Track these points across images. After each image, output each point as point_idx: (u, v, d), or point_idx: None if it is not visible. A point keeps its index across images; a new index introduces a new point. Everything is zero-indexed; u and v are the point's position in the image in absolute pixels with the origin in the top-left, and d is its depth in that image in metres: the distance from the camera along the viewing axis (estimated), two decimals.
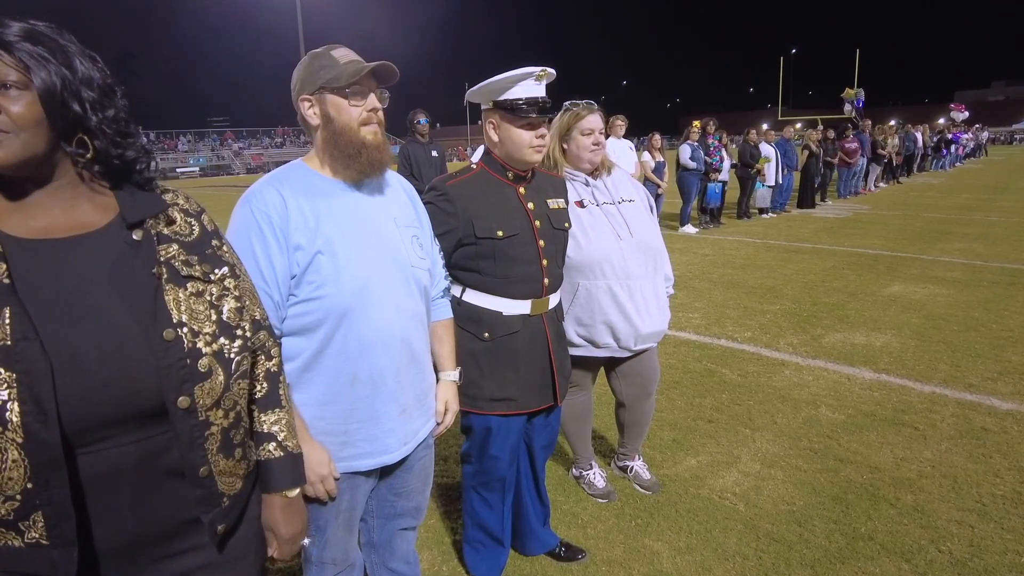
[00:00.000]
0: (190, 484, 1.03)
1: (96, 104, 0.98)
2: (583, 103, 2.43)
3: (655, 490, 2.87)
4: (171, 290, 1.01)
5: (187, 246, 1.07)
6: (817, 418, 3.55)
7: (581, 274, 2.40)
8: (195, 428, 1.01)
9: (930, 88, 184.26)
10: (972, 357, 4.41)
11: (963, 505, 2.71)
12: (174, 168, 47.71)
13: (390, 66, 1.49)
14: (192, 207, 1.13)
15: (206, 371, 1.01)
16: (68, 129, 0.96)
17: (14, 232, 0.94)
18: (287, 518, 1.26)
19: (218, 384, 1.03)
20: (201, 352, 1.01)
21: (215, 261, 1.10)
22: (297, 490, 1.27)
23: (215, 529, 1.08)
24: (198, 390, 1.00)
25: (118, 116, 1.02)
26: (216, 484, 1.07)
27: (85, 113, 0.97)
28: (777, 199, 12.33)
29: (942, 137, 22.07)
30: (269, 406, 1.23)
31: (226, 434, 1.07)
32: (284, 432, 1.24)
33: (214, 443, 1.05)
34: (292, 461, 1.25)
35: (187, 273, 1.04)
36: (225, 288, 1.09)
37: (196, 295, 1.04)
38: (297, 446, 1.27)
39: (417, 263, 1.59)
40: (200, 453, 1.03)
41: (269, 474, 1.22)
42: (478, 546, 2.26)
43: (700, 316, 5.60)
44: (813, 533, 2.54)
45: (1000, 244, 8.54)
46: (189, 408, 0.99)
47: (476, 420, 2.05)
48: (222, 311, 1.07)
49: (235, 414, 1.09)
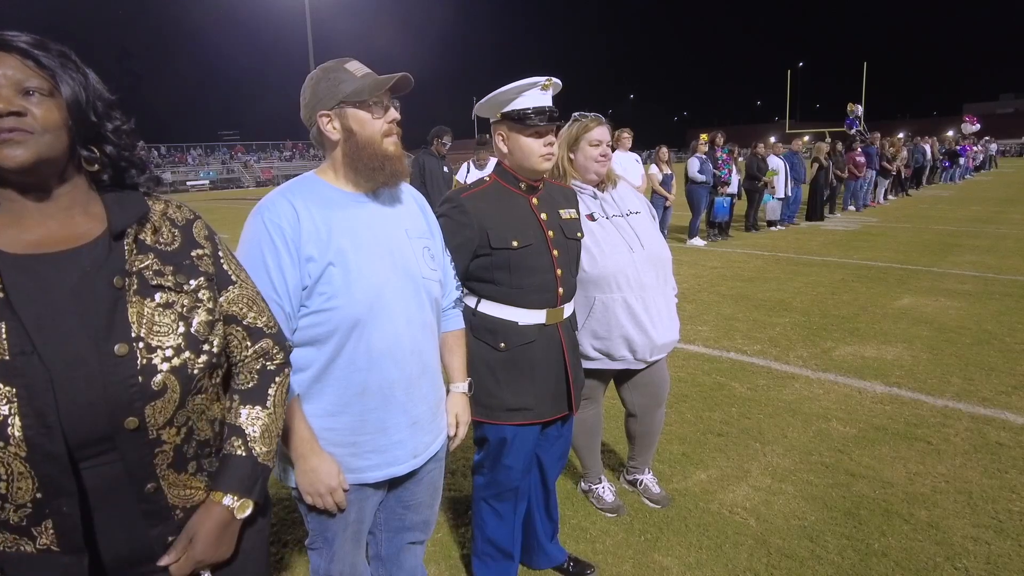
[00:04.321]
0: (135, 499, 1.00)
1: (105, 115, 1.02)
2: (591, 115, 2.45)
3: (665, 504, 2.84)
4: (136, 302, 0.99)
5: (165, 255, 1.06)
6: (828, 432, 3.52)
7: (597, 288, 2.40)
8: (143, 447, 0.99)
9: (938, 101, 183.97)
10: (985, 370, 4.36)
11: (979, 521, 2.66)
12: (184, 181, 48.09)
13: (408, 78, 1.50)
14: (182, 216, 1.13)
15: (159, 389, 0.98)
16: (86, 136, 1.00)
17: (7, 248, 0.96)
18: (211, 534, 1.09)
19: (171, 402, 1.00)
20: (156, 368, 0.98)
21: (191, 271, 1.08)
22: (237, 504, 1.11)
23: (164, 542, 1.06)
24: (149, 409, 0.98)
25: (121, 127, 1.05)
26: (166, 498, 1.05)
27: (100, 121, 1.00)
28: (786, 212, 12.31)
29: (950, 149, 22.02)
30: (250, 400, 1.17)
31: (178, 450, 1.05)
32: (257, 433, 1.15)
33: (164, 460, 1.03)
34: (252, 465, 1.13)
35: (157, 283, 1.03)
36: (198, 300, 1.07)
37: (164, 306, 1.02)
38: (266, 456, 1.16)
39: (428, 274, 1.59)
40: (148, 470, 1.01)
41: (221, 468, 1.13)
42: (487, 559, 2.24)
43: (709, 329, 5.57)
44: (825, 549, 2.50)
45: (1011, 256, 8.47)
46: (138, 428, 0.97)
47: (491, 431, 2.05)
48: (191, 323, 1.04)
49: (187, 429, 1.06)
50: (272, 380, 1.21)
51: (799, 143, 13.40)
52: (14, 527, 0.93)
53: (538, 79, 1.89)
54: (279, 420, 1.22)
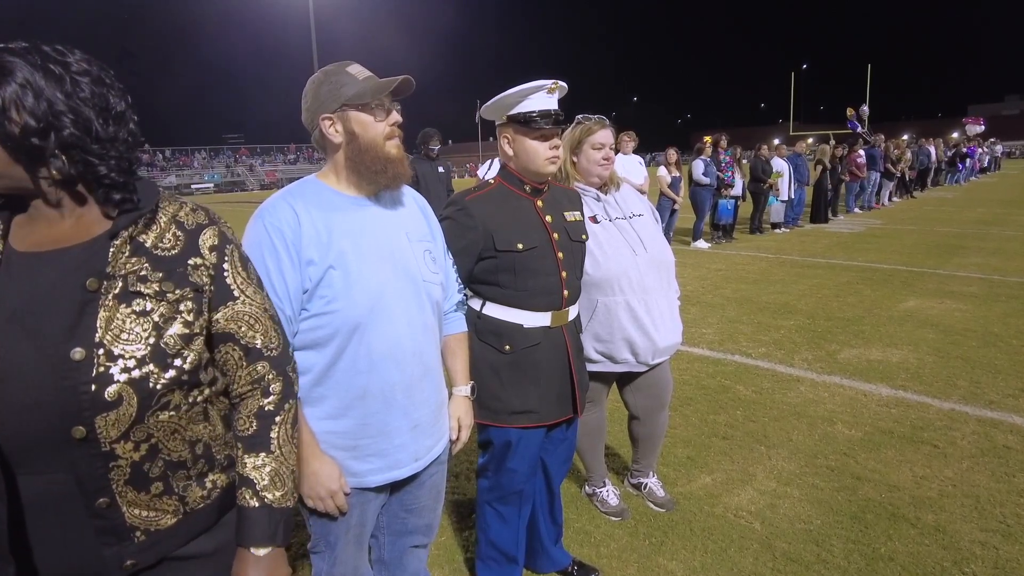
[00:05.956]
0: (86, 513, 0.96)
1: (66, 124, 0.93)
2: (595, 118, 2.45)
3: (669, 508, 2.83)
4: (111, 306, 0.96)
5: (158, 260, 1.02)
6: (833, 435, 3.49)
7: (600, 290, 2.40)
8: (95, 459, 0.95)
9: (942, 103, 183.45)
10: (992, 373, 4.33)
11: (986, 526, 2.64)
12: (189, 184, 48.32)
13: (410, 80, 1.50)
14: (194, 220, 1.09)
15: (114, 400, 0.94)
16: (25, 150, 0.92)
17: (16, 244, 0.96)
18: None
19: (126, 415, 0.95)
20: (112, 378, 0.93)
21: (180, 280, 1.03)
22: (267, 550, 1.10)
23: (120, 562, 1.00)
24: (100, 420, 0.93)
25: (105, 135, 0.98)
26: (122, 516, 0.99)
27: (45, 134, 0.92)
28: (790, 214, 12.28)
29: (957, 151, 21.92)
30: (253, 448, 1.12)
31: (138, 467, 1.00)
32: (266, 480, 1.11)
33: (120, 475, 0.98)
34: (268, 515, 1.11)
35: (136, 289, 0.98)
36: (177, 311, 1.01)
37: (138, 314, 0.97)
38: (282, 499, 1.13)
39: (429, 277, 1.59)
40: (101, 484, 0.96)
41: (240, 524, 1.11)
42: (491, 563, 2.23)
43: (713, 332, 5.55)
44: (831, 553, 2.48)
45: (1017, 258, 8.42)
46: (86, 438, 0.93)
47: (496, 434, 2.04)
48: (163, 334, 0.99)
49: (149, 446, 1.00)
50: (272, 422, 1.14)
51: (803, 145, 13.38)
52: None
53: (544, 82, 1.89)
54: (289, 458, 1.17)
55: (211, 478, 1.13)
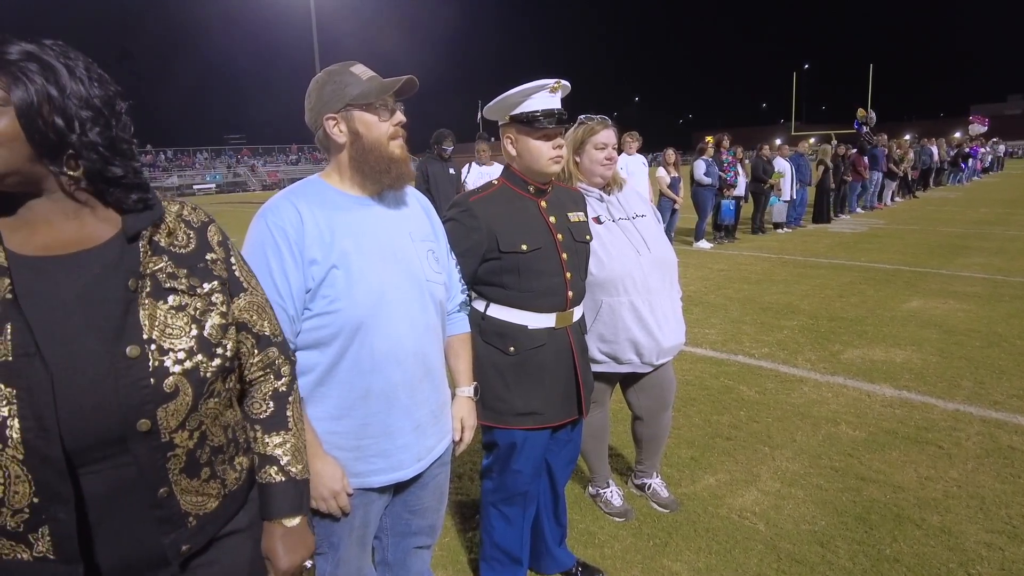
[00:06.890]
0: (148, 504, 0.99)
1: (88, 123, 0.95)
2: (597, 118, 2.44)
3: (673, 509, 2.82)
4: (149, 304, 0.98)
5: (179, 258, 1.05)
6: (837, 436, 3.48)
7: (604, 291, 2.39)
8: (156, 450, 0.98)
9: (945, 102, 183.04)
10: (996, 373, 4.32)
11: (992, 527, 2.63)
12: (191, 184, 48.36)
13: (414, 80, 1.49)
14: (197, 218, 1.12)
15: (172, 391, 0.98)
16: (51, 147, 0.93)
17: (18, 249, 0.95)
18: (286, 547, 1.20)
19: (184, 405, 1.00)
20: (168, 371, 0.97)
21: (205, 275, 1.07)
22: (298, 519, 1.21)
23: (178, 550, 1.04)
24: (161, 412, 0.97)
25: (117, 136, 0.99)
26: (178, 504, 1.03)
27: (72, 132, 0.93)
28: (792, 214, 12.26)
29: (960, 151, 21.86)
30: (274, 427, 1.20)
31: (191, 454, 1.04)
32: (288, 456, 1.20)
33: (177, 464, 1.02)
34: (294, 487, 1.20)
35: (170, 285, 1.01)
36: (211, 303, 1.06)
37: (176, 309, 1.01)
38: (303, 472, 1.22)
39: (432, 277, 1.58)
40: (161, 475, 1.00)
41: (268, 499, 1.19)
42: (495, 564, 2.22)
43: (716, 332, 5.54)
44: (836, 555, 2.47)
45: (1021, 258, 8.40)
46: (150, 431, 0.96)
47: (501, 435, 2.04)
48: (204, 326, 1.03)
49: (200, 434, 1.05)
50: (287, 402, 1.23)
51: (805, 145, 13.36)
52: (12, 533, 0.91)
53: (547, 81, 1.88)
54: (303, 433, 1.26)
55: (239, 460, 1.17)
